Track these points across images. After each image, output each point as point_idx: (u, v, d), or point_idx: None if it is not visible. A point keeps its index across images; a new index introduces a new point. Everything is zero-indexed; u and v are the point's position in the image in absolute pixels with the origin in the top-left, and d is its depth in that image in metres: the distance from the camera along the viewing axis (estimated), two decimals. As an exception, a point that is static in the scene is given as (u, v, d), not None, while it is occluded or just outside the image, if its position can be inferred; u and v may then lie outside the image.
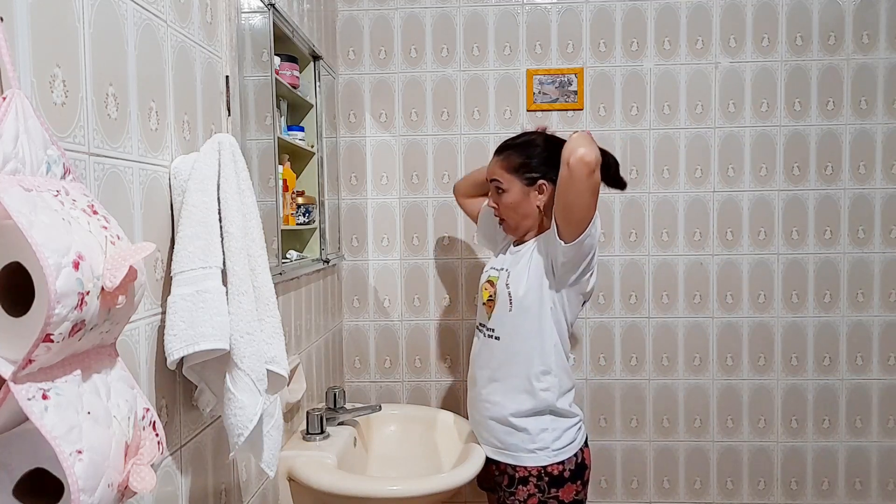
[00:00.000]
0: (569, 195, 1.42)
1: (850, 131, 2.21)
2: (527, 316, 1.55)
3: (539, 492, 1.53)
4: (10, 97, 0.62)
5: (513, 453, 1.56)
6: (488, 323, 1.62)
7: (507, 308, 1.57)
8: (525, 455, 1.55)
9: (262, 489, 1.44)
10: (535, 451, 1.54)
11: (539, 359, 1.55)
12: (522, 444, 1.55)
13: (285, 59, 1.76)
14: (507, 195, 1.59)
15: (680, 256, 2.26)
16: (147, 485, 0.71)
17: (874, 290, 2.24)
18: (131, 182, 0.92)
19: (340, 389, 1.82)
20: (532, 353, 1.55)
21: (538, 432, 1.54)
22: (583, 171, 1.38)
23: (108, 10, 0.86)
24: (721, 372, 2.28)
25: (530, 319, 1.55)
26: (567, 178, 1.41)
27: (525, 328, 1.55)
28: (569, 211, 1.44)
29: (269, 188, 1.49)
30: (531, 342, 1.55)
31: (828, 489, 2.28)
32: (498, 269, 1.65)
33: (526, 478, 1.54)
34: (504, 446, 1.58)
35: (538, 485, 1.53)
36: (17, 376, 0.58)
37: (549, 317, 1.55)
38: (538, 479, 1.53)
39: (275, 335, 1.09)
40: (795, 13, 2.20)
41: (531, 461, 1.54)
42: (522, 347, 1.56)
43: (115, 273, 0.65)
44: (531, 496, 1.54)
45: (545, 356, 1.55)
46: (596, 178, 1.40)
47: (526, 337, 1.55)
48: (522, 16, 2.23)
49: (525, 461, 1.54)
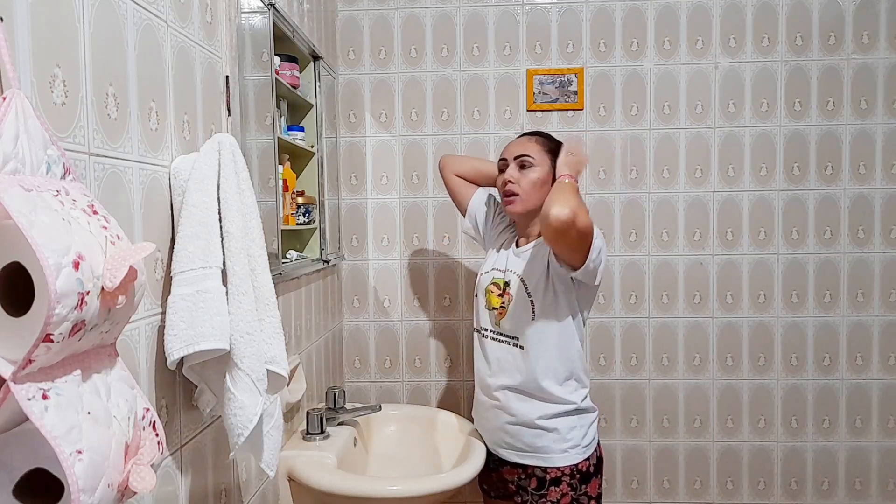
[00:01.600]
0: (558, 246, 1.44)
1: (850, 131, 2.21)
2: (552, 325, 1.54)
3: (571, 490, 1.53)
4: (10, 97, 0.62)
5: (544, 455, 1.54)
6: (502, 329, 1.59)
7: (528, 316, 1.55)
8: (558, 456, 1.53)
9: (262, 489, 1.44)
10: (568, 450, 1.53)
11: (565, 365, 1.55)
12: (554, 445, 1.53)
13: (285, 59, 1.76)
14: (535, 171, 1.55)
15: (680, 256, 2.26)
16: (147, 485, 0.71)
17: (874, 290, 2.24)
18: (131, 182, 0.92)
19: (340, 389, 1.82)
20: (559, 360, 1.54)
21: (568, 431, 1.54)
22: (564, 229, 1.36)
23: (108, 9, 0.86)
24: (721, 372, 2.28)
25: (556, 328, 1.54)
26: (553, 236, 1.39)
27: (551, 337, 1.54)
28: (563, 253, 1.45)
29: (269, 188, 1.49)
30: (557, 350, 1.54)
31: (828, 489, 2.28)
32: (503, 270, 1.62)
33: (559, 478, 1.53)
34: (532, 449, 1.55)
35: (571, 483, 1.53)
36: (17, 376, 0.58)
37: (573, 324, 1.55)
38: (570, 477, 1.53)
39: (275, 335, 1.09)
40: (795, 13, 2.20)
41: (564, 461, 1.53)
42: (548, 355, 1.54)
43: (115, 273, 0.65)
44: (564, 496, 1.52)
45: (571, 362, 1.56)
46: (580, 225, 1.36)
47: (552, 345, 1.54)
48: (522, 16, 2.23)
49: (558, 462, 1.53)
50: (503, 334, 1.59)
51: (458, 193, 1.81)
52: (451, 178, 1.81)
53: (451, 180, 1.81)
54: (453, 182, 1.81)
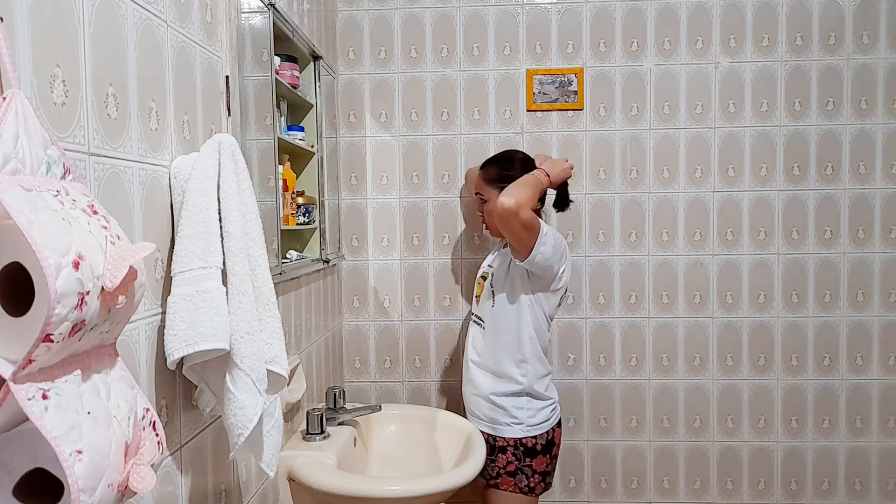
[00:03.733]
0: (504, 232, 1.68)
1: (850, 131, 2.21)
2: (506, 312, 1.78)
3: (516, 460, 1.77)
4: (10, 97, 0.62)
5: (493, 425, 1.79)
6: (477, 312, 1.87)
7: (490, 303, 1.81)
8: (503, 427, 1.78)
9: (262, 489, 1.44)
10: (512, 424, 1.77)
11: (516, 349, 1.78)
12: (501, 419, 1.78)
13: (285, 59, 1.75)
14: (488, 204, 1.83)
15: (680, 256, 2.26)
16: (147, 485, 0.71)
17: (874, 290, 2.24)
18: (131, 182, 0.92)
19: (340, 389, 1.82)
20: (510, 344, 1.78)
21: (515, 410, 1.77)
22: (507, 217, 1.61)
23: (108, 10, 0.86)
24: (721, 372, 2.28)
25: (509, 315, 1.78)
26: (499, 222, 1.65)
27: (504, 323, 1.78)
28: (511, 240, 1.70)
29: (269, 188, 1.49)
30: (509, 335, 1.78)
31: (828, 489, 2.28)
32: (488, 265, 1.90)
33: (504, 447, 1.77)
34: (487, 419, 1.80)
35: (515, 453, 1.77)
36: (17, 376, 0.58)
37: (527, 313, 1.77)
38: (514, 448, 1.77)
39: (275, 335, 1.09)
40: (795, 13, 2.20)
41: (508, 433, 1.77)
42: (502, 339, 1.79)
43: (115, 273, 0.65)
44: (509, 463, 1.77)
45: (522, 347, 1.78)
46: (522, 217, 1.60)
47: (505, 330, 1.78)
48: (522, 16, 2.23)
49: (504, 433, 1.78)
50: (477, 317, 1.87)
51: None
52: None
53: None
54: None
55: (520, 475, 1.77)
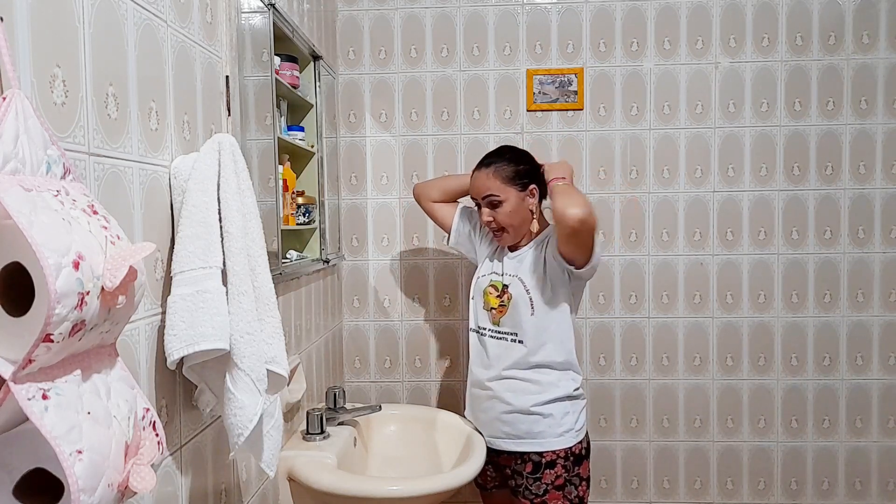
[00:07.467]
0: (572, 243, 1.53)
1: (850, 131, 2.21)
2: (550, 319, 1.64)
3: (565, 472, 1.62)
4: (10, 97, 0.62)
5: (540, 440, 1.62)
6: (501, 327, 1.68)
7: (528, 312, 1.63)
8: (554, 440, 1.62)
9: (262, 489, 1.44)
10: (562, 434, 1.62)
11: (563, 356, 1.65)
12: (550, 430, 1.62)
13: (285, 59, 1.75)
14: (506, 205, 1.63)
15: (680, 256, 2.26)
16: (147, 485, 0.71)
17: (874, 290, 2.24)
18: (131, 182, 0.92)
19: (340, 389, 1.82)
20: (555, 351, 1.64)
21: (562, 416, 1.63)
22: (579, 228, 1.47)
23: (108, 10, 0.86)
24: (721, 372, 2.28)
25: (554, 322, 1.64)
26: (571, 235, 1.50)
27: (549, 330, 1.64)
28: (575, 249, 1.55)
29: (269, 188, 1.49)
30: (555, 342, 1.64)
31: (828, 489, 2.28)
32: (501, 273, 1.70)
33: (554, 461, 1.61)
34: (529, 435, 1.63)
35: (565, 465, 1.61)
36: (17, 376, 0.58)
37: (568, 315, 1.66)
38: (565, 459, 1.62)
39: (275, 335, 1.09)
40: (795, 13, 2.20)
41: (559, 444, 1.62)
42: (547, 347, 1.64)
43: (115, 273, 0.65)
44: (558, 477, 1.61)
45: (569, 353, 1.66)
46: (591, 222, 1.48)
47: (550, 338, 1.64)
48: (522, 16, 2.23)
49: (554, 445, 1.61)
50: (502, 331, 1.68)
51: (439, 218, 1.89)
52: (428, 205, 1.89)
53: (429, 207, 1.89)
54: (431, 209, 1.89)
55: (569, 486, 1.62)
